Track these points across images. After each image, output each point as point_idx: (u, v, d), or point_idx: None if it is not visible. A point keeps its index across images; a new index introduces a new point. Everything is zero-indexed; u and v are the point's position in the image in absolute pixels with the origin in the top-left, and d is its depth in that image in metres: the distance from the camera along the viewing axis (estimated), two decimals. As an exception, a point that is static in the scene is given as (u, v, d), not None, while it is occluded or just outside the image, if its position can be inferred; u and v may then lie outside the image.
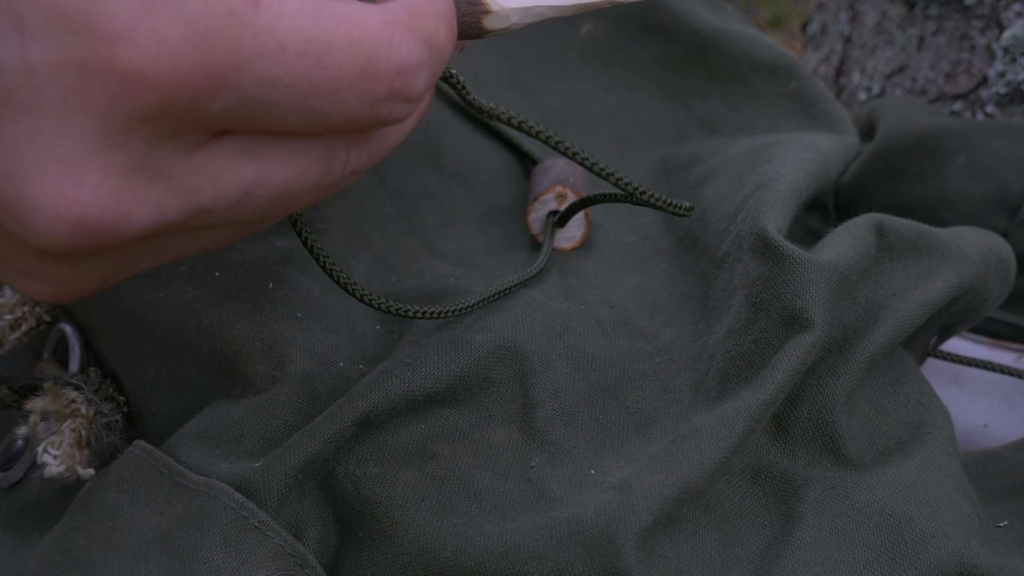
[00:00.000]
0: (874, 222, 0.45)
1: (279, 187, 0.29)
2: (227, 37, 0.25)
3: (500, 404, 0.42)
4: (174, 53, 0.25)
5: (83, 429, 0.42)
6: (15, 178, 0.25)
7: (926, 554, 0.39)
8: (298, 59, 0.26)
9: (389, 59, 0.28)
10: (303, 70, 0.26)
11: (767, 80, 0.61)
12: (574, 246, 0.51)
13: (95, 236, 0.26)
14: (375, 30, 0.28)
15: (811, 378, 0.43)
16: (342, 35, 0.27)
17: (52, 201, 0.25)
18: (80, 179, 0.25)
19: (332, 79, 0.27)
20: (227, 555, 0.36)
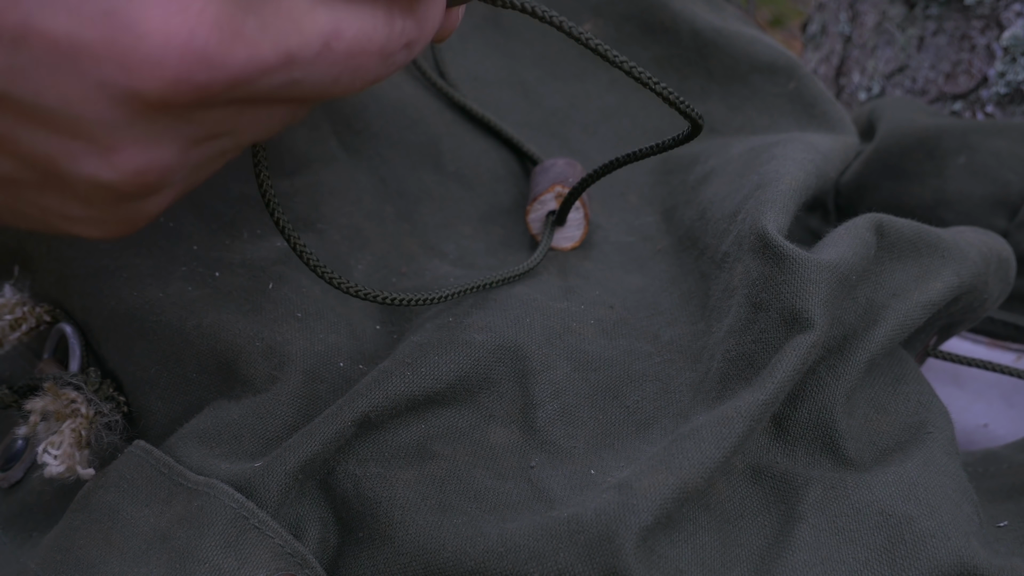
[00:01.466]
0: (874, 222, 0.45)
1: (352, 41, 0.29)
2: None
3: (500, 404, 0.42)
4: None
5: (83, 429, 0.42)
6: (117, 10, 0.24)
7: (926, 554, 0.39)
8: None
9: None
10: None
11: (767, 80, 0.61)
12: (574, 246, 0.51)
13: (201, 67, 0.25)
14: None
15: (811, 378, 0.43)
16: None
17: (160, 27, 0.24)
18: (185, 3, 0.25)
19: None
20: (227, 555, 0.36)
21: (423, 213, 0.53)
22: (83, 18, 0.24)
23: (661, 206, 0.57)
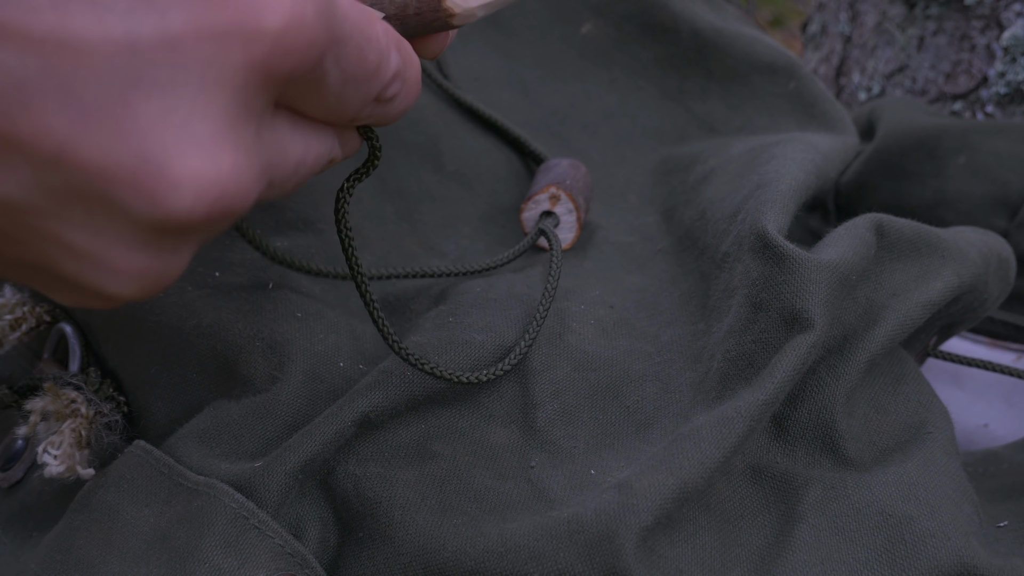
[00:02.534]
0: (874, 222, 0.45)
1: (313, 163, 0.32)
2: (331, 16, 0.28)
3: (500, 404, 0.42)
4: (311, 26, 0.27)
5: (83, 429, 0.42)
6: (151, 158, 0.25)
7: (926, 554, 0.39)
8: (355, 50, 0.29)
9: (389, 63, 0.31)
10: (355, 61, 0.30)
11: (767, 80, 0.61)
12: (565, 248, 0.51)
13: (228, 211, 0.27)
14: (383, 36, 0.31)
15: (811, 378, 0.43)
16: (371, 33, 0.30)
17: (194, 179, 0.25)
18: (219, 156, 0.26)
19: (364, 72, 0.30)
20: (227, 555, 0.36)
21: (423, 213, 0.53)
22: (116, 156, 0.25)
23: (661, 206, 0.57)
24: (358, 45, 0.30)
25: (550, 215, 0.51)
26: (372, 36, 0.30)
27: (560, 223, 0.51)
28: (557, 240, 0.48)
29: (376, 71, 0.31)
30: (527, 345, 0.42)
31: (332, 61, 0.29)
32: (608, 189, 0.58)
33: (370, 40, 0.30)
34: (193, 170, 0.25)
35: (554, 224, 0.51)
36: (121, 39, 0.24)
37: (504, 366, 0.41)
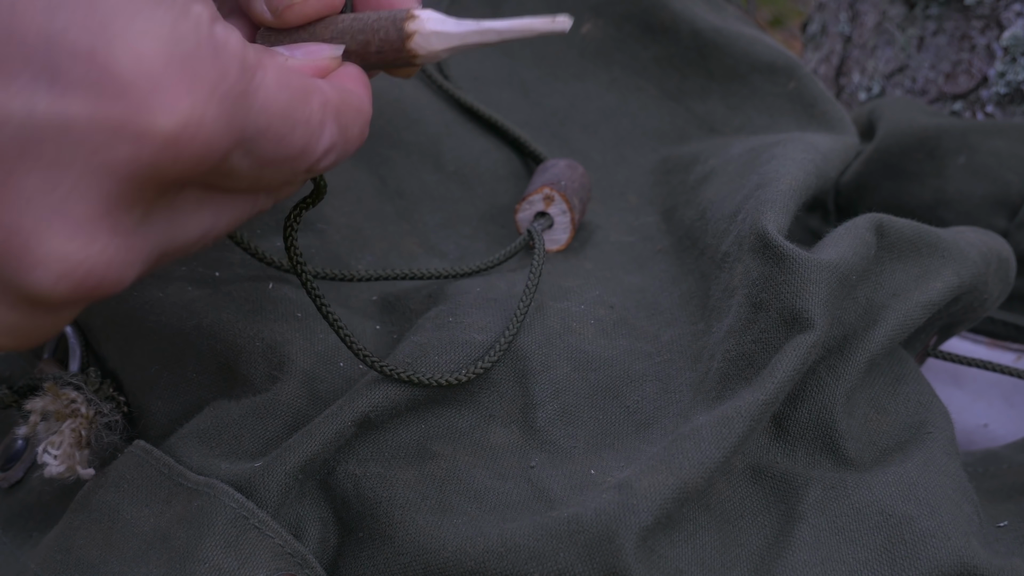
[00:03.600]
0: (874, 222, 0.45)
1: (226, 228, 0.32)
2: (242, 115, 0.28)
3: (500, 404, 0.42)
4: (209, 130, 0.26)
5: (83, 429, 0.42)
6: (21, 231, 0.25)
7: (926, 554, 0.39)
8: (274, 139, 0.29)
9: (320, 141, 0.31)
10: (274, 148, 0.29)
11: (767, 80, 0.61)
12: (559, 248, 0.51)
13: (93, 293, 0.27)
14: (317, 111, 0.30)
15: (811, 378, 0.43)
16: (300, 115, 0.30)
17: (59, 260, 0.26)
18: (90, 240, 0.26)
19: (287, 157, 0.30)
20: (227, 555, 0.36)
21: (423, 213, 0.53)
22: None
23: (661, 206, 0.57)
24: (279, 133, 0.29)
25: (544, 216, 0.51)
26: (301, 119, 0.30)
27: (554, 224, 0.51)
28: (541, 241, 0.48)
29: (302, 152, 0.30)
30: (501, 350, 0.42)
31: (242, 154, 0.28)
32: (608, 189, 0.58)
33: (296, 124, 0.30)
34: (59, 251, 0.25)
35: (548, 224, 0.51)
36: (17, 110, 0.25)
37: (476, 368, 0.41)
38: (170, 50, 0.26)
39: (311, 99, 0.30)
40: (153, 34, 0.25)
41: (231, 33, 0.28)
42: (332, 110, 0.31)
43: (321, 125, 0.31)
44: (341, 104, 0.32)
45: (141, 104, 0.25)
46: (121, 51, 0.25)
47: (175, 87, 0.26)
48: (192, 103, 0.26)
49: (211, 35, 0.27)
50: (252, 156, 0.29)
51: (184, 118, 0.26)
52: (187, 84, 0.26)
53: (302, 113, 0.30)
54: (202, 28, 0.27)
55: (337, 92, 0.32)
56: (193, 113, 0.26)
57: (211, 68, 0.26)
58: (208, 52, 0.26)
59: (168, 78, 0.26)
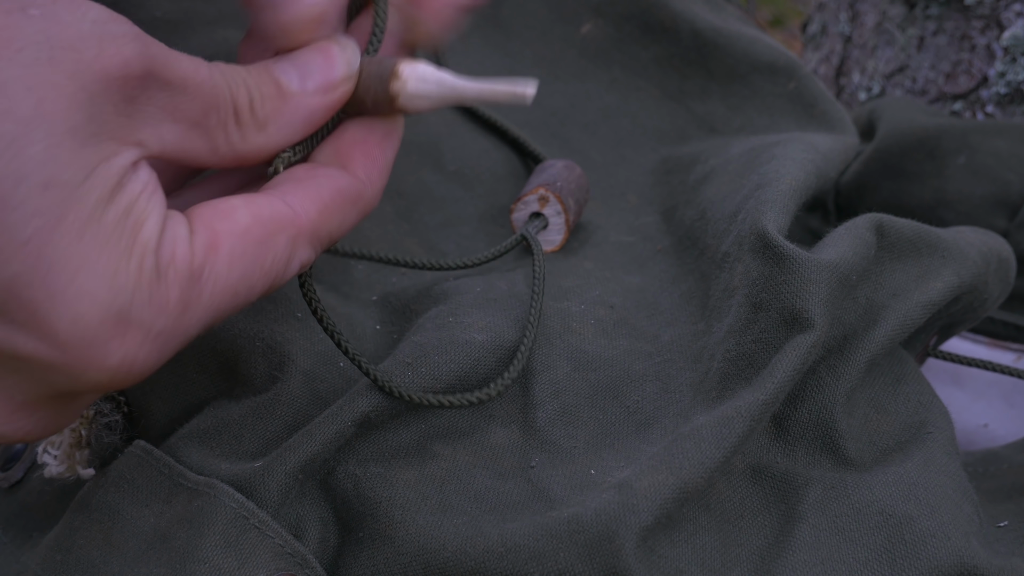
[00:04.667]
0: (874, 222, 0.45)
1: None
2: (180, 333, 0.30)
3: (500, 404, 0.42)
4: (141, 367, 0.29)
5: (83, 429, 0.42)
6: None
7: (926, 554, 0.39)
8: (231, 302, 0.31)
9: (289, 269, 0.33)
10: (235, 306, 0.32)
11: (767, 80, 0.61)
12: (553, 250, 0.51)
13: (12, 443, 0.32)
14: (283, 250, 0.32)
15: (811, 378, 0.43)
16: (259, 267, 0.31)
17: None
18: (15, 423, 0.30)
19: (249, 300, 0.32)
20: (227, 555, 0.36)
21: (423, 213, 0.53)
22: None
23: (661, 206, 0.57)
24: (233, 298, 0.31)
25: (539, 216, 0.51)
26: (259, 269, 0.31)
27: (549, 224, 0.51)
28: (538, 245, 0.48)
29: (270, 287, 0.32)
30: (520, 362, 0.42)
31: (185, 340, 0.31)
32: (608, 189, 0.58)
33: (254, 278, 0.31)
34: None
35: (543, 225, 0.51)
36: None
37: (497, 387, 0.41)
38: (106, 307, 0.28)
39: (273, 244, 0.32)
40: (90, 294, 0.27)
41: (177, 244, 0.29)
42: (305, 235, 0.33)
43: (289, 259, 0.32)
44: (319, 218, 0.33)
45: (75, 358, 0.28)
46: (59, 312, 0.27)
47: (108, 343, 0.28)
48: (123, 356, 0.29)
49: (153, 268, 0.29)
50: (207, 327, 0.31)
51: (114, 369, 0.29)
52: (119, 339, 0.28)
53: (260, 265, 0.32)
54: (145, 265, 0.28)
55: (316, 205, 0.33)
56: (124, 360, 0.29)
57: (146, 312, 0.29)
58: (145, 296, 0.28)
59: (101, 336, 0.28)
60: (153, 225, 0.29)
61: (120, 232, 0.28)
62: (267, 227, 0.31)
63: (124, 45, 0.28)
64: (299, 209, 0.33)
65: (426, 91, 0.37)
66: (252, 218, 0.31)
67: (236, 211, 0.31)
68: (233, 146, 0.33)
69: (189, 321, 0.30)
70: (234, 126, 0.32)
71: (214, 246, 0.30)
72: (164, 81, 0.30)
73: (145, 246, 0.28)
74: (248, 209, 0.31)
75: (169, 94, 0.30)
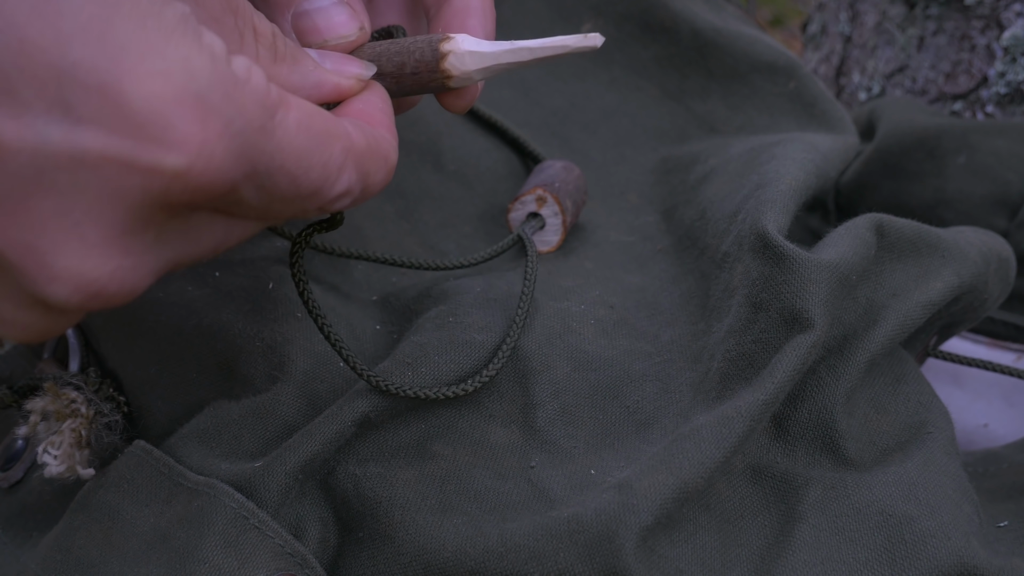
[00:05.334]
0: (874, 222, 0.45)
1: (237, 242, 0.33)
2: (256, 152, 0.28)
3: (500, 404, 0.42)
4: (219, 165, 0.27)
5: (83, 429, 0.42)
6: (38, 249, 0.27)
7: (926, 554, 0.39)
8: (287, 178, 0.30)
9: (336, 186, 0.31)
10: (287, 186, 0.30)
11: (767, 80, 0.61)
12: (549, 250, 0.51)
13: (105, 304, 0.28)
14: (338, 157, 0.31)
15: (811, 378, 0.43)
16: (317, 159, 0.30)
17: (73, 276, 0.27)
18: (103, 260, 0.27)
19: (298, 195, 0.31)
20: (227, 555, 0.36)
21: (423, 212, 0.53)
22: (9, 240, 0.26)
23: (661, 206, 0.57)
24: (292, 173, 0.30)
25: (536, 216, 0.51)
26: (318, 162, 0.30)
27: (546, 225, 0.51)
28: (533, 246, 0.48)
29: (314, 193, 0.31)
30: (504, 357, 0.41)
31: (252, 187, 0.29)
32: (608, 189, 0.58)
33: (312, 168, 0.30)
34: (73, 269, 0.27)
35: (540, 226, 0.51)
36: (31, 139, 0.26)
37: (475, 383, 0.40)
38: (182, 87, 0.26)
39: (332, 144, 0.31)
40: (164, 71, 0.26)
41: (252, 69, 0.28)
42: (355, 157, 0.32)
43: (340, 170, 0.31)
44: (366, 151, 0.32)
45: (151, 141, 0.26)
46: (132, 89, 0.26)
47: (185, 124, 0.26)
48: (203, 140, 0.27)
49: (227, 70, 0.27)
50: (263, 190, 0.30)
51: (193, 155, 0.26)
52: (198, 121, 0.26)
53: (320, 157, 0.30)
54: (218, 62, 0.27)
55: (365, 138, 0.33)
56: (203, 150, 0.27)
57: (225, 104, 0.27)
58: (222, 88, 0.27)
59: (178, 116, 0.26)
60: (214, 38, 0.28)
61: (184, 28, 0.27)
62: (329, 124, 0.31)
63: None
64: (352, 132, 0.32)
65: (481, 49, 0.35)
66: (317, 110, 0.31)
67: (302, 100, 0.31)
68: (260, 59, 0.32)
69: (265, 148, 0.28)
70: (252, 40, 0.32)
71: (286, 103, 0.29)
72: None
73: (212, 49, 0.27)
74: (311, 103, 0.31)
75: None
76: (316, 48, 0.36)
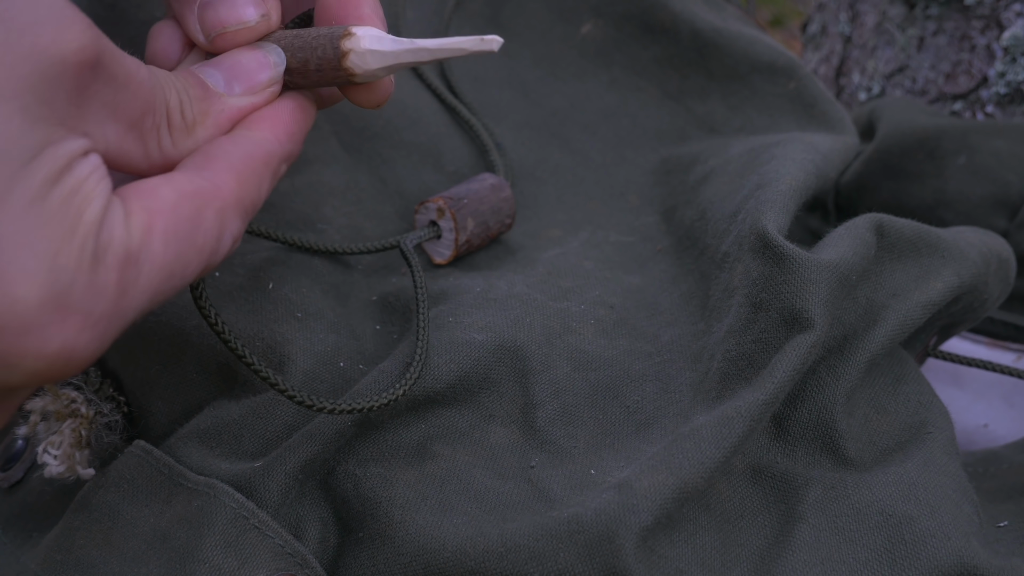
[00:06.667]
0: (874, 222, 0.45)
1: None
2: (119, 319, 0.29)
3: (500, 404, 0.42)
4: (82, 354, 0.28)
5: (83, 429, 0.42)
6: None
7: (926, 554, 0.39)
8: (165, 288, 0.30)
9: (220, 249, 0.32)
10: (169, 292, 0.31)
11: (767, 80, 0.61)
12: (441, 263, 0.50)
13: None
14: (213, 226, 0.31)
15: (811, 378, 0.43)
16: (192, 248, 0.31)
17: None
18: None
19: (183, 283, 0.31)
20: (227, 555, 0.36)
21: (423, 213, 0.53)
22: None
23: (661, 206, 0.57)
24: (171, 280, 0.30)
25: (434, 225, 0.50)
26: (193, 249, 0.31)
27: (441, 237, 0.50)
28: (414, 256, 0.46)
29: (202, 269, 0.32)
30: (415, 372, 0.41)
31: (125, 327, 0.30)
32: (608, 189, 0.58)
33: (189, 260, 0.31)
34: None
35: (436, 235, 0.49)
36: None
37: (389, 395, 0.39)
38: (46, 290, 0.27)
39: (203, 221, 0.31)
40: (30, 274, 0.27)
41: (114, 226, 0.29)
42: (231, 206, 0.32)
43: (219, 234, 0.32)
44: (239, 185, 0.33)
45: (13, 344, 0.27)
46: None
47: (47, 329, 0.27)
48: (63, 340, 0.27)
49: (94, 251, 0.28)
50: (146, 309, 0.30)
51: (54, 354, 0.27)
52: (59, 324, 0.27)
53: (194, 243, 0.31)
54: (86, 247, 0.28)
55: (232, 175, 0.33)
56: (64, 347, 0.27)
57: (85, 297, 0.28)
58: (85, 279, 0.28)
59: (41, 320, 0.27)
60: (97, 208, 0.28)
61: (64, 213, 0.27)
62: (193, 202, 0.31)
63: (80, 32, 0.28)
64: (218, 181, 0.32)
65: (381, 48, 0.35)
66: (177, 195, 0.31)
67: (159, 189, 0.31)
68: (164, 151, 0.33)
69: (127, 304, 0.29)
70: (166, 130, 0.32)
71: (148, 227, 0.30)
72: (110, 75, 0.29)
73: (88, 228, 0.28)
74: (171, 187, 0.31)
75: (113, 90, 0.30)
76: (218, 36, 0.36)
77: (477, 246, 0.51)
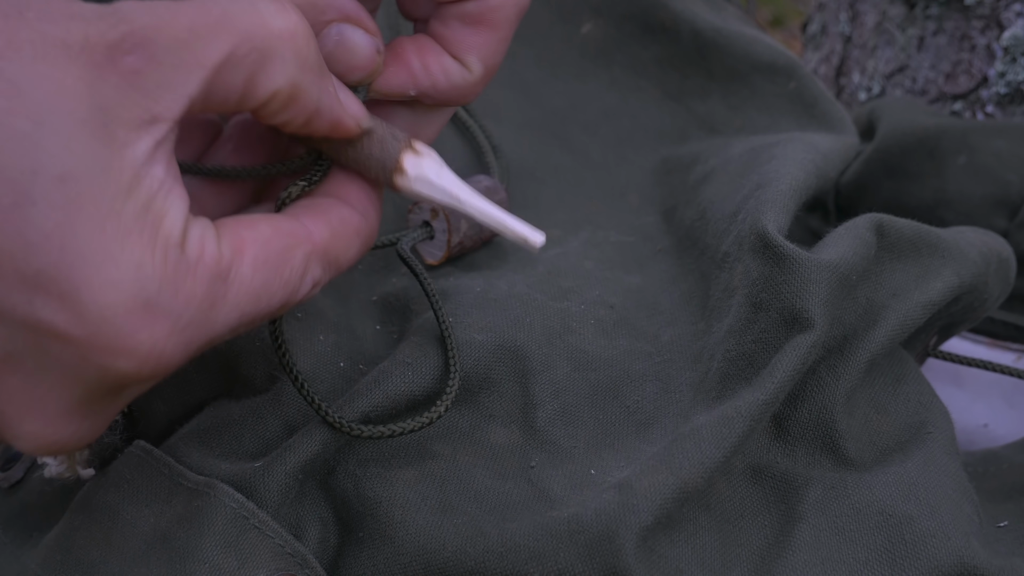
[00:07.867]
0: (874, 222, 0.45)
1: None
2: (209, 326, 0.30)
3: (500, 404, 0.42)
4: (169, 360, 0.30)
5: (83, 429, 0.42)
6: (5, 414, 0.30)
7: (926, 554, 0.39)
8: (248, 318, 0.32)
9: (299, 291, 0.33)
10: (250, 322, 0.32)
11: (767, 80, 0.61)
12: (433, 263, 0.50)
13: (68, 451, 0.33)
14: (299, 266, 0.33)
15: (811, 378, 0.43)
16: (278, 282, 0.32)
17: (36, 438, 0.31)
18: (61, 427, 0.31)
19: (262, 318, 0.33)
20: (227, 555, 0.36)
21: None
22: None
23: (661, 206, 0.57)
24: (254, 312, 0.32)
25: (427, 226, 0.50)
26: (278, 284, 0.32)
27: (434, 237, 0.50)
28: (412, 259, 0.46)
29: (281, 307, 0.33)
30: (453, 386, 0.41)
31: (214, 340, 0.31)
32: (608, 189, 0.58)
33: (273, 293, 0.32)
34: (35, 433, 0.30)
35: (429, 235, 0.49)
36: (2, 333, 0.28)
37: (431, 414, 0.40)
38: (132, 296, 0.28)
39: (292, 259, 0.33)
40: (115, 284, 0.28)
41: (205, 242, 0.30)
42: (318, 255, 0.34)
43: (302, 276, 0.33)
44: (330, 241, 0.34)
45: (104, 346, 0.28)
46: (87, 299, 0.28)
47: (135, 333, 0.29)
48: (151, 344, 0.29)
49: (178, 262, 0.29)
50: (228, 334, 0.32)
51: (142, 359, 0.29)
52: (147, 328, 0.29)
53: (280, 279, 0.32)
54: (169, 257, 0.29)
55: (329, 228, 0.34)
56: (153, 349, 0.29)
57: (173, 303, 0.29)
58: (171, 287, 0.29)
59: (130, 323, 0.28)
60: (174, 220, 0.29)
61: (141, 225, 0.29)
62: (286, 240, 0.33)
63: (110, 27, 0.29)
64: (312, 229, 0.34)
65: (427, 195, 0.36)
66: (273, 230, 0.33)
67: (258, 223, 0.33)
68: None
69: (216, 318, 0.30)
70: None
71: (240, 250, 0.31)
72: None
73: (167, 240, 0.29)
74: (269, 223, 0.33)
75: None
76: None
77: (470, 248, 0.51)
